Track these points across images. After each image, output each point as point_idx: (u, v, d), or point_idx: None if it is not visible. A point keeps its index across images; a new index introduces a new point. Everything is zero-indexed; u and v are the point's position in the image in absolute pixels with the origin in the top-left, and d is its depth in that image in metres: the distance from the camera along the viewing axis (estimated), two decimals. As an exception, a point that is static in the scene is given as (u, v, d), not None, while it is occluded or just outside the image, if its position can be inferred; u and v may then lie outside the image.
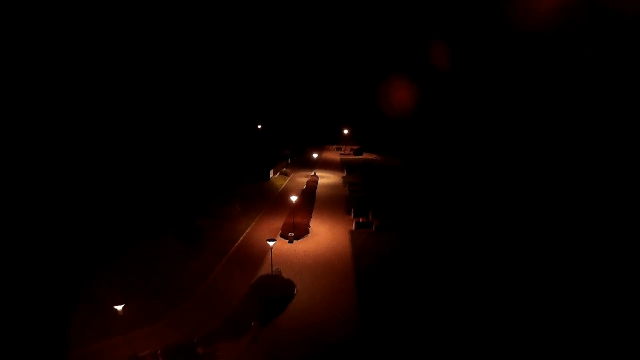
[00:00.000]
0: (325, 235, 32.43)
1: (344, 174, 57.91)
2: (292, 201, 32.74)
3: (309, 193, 44.19)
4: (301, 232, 32.20)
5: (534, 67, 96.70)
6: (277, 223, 34.89)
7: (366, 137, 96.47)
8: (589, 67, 74.52)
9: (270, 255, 24.83)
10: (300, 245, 30.17)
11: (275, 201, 42.37)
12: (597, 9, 73.67)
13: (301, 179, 54.00)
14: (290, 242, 30.76)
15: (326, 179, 54.67)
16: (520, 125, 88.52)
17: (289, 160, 63.93)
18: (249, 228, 33.89)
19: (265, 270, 25.31)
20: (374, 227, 33.75)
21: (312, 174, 55.70)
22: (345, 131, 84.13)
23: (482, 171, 64.10)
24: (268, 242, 22.66)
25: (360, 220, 34.30)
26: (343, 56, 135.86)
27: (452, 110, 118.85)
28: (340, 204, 41.74)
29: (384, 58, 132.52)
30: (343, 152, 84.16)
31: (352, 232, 33.06)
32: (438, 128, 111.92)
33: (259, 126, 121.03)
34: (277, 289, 23.04)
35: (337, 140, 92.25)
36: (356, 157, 74.96)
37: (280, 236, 31.65)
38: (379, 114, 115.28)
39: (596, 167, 56.53)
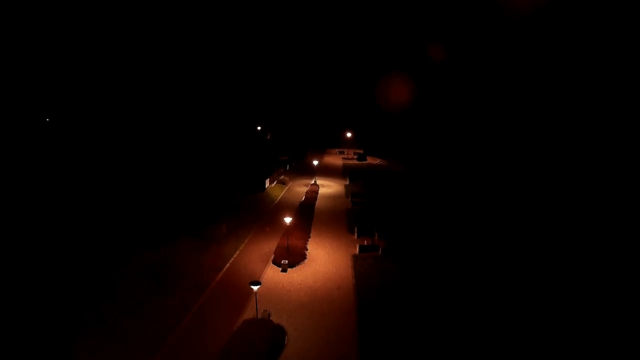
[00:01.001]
0: (324, 261, 28.14)
1: (347, 182, 53.57)
2: (286, 223, 28.44)
3: (308, 207, 39.88)
4: (297, 257, 27.94)
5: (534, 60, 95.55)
6: (271, 245, 30.68)
7: (369, 140, 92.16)
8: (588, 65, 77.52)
9: (255, 298, 20.63)
10: (296, 275, 25.89)
11: (270, 217, 38.11)
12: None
13: (300, 188, 49.72)
14: (284, 270, 26.53)
15: (327, 188, 50.36)
16: (521, 122, 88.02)
17: (288, 166, 59.63)
18: (238, 252, 29.67)
19: (251, 310, 21.11)
20: (380, 250, 29.43)
21: (312, 182, 51.42)
22: (348, 134, 79.67)
23: (487, 174, 62.10)
24: (252, 287, 18.37)
25: (365, 243, 29.96)
26: (343, 56, 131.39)
27: (456, 109, 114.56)
28: (342, 220, 37.41)
29: (385, 57, 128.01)
30: (346, 156, 79.79)
31: (355, 258, 28.73)
32: (442, 128, 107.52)
33: (259, 127, 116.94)
34: (264, 338, 18.80)
35: (339, 143, 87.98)
36: (360, 162, 70.34)
37: (273, 263, 27.45)
38: (382, 115, 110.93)
39: (595, 164, 58.31)
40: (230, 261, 28.08)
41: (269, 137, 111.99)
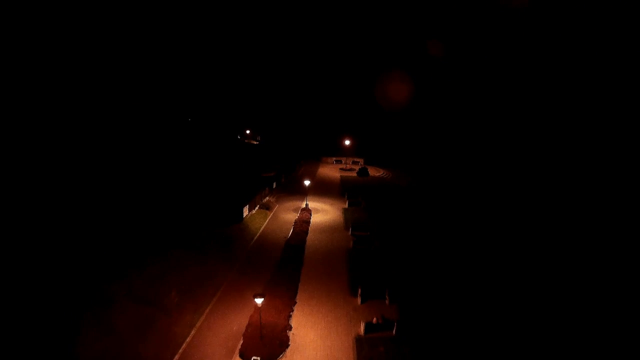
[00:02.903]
0: (314, 352, 19.39)
1: (346, 205, 44.76)
2: (257, 304, 19.37)
3: (295, 249, 30.94)
4: (274, 347, 19.18)
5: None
6: (241, 318, 21.88)
7: (369, 147, 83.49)
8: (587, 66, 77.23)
9: None
10: (271, 385, 17.17)
11: (245, 263, 29.25)
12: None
13: (288, 214, 40.81)
14: (255, 373, 17.84)
15: (322, 214, 41.52)
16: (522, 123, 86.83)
17: (275, 183, 50.55)
18: (193, 331, 20.86)
19: None
20: (394, 329, 20.74)
21: (304, 206, 42.56)
22: (347, 142, 70.81)
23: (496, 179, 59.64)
24: None
25: (374, 320, 21.18)
26: (339, 54, 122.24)
27: (460, 109, 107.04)
28: (340, 269, 28.56)
29: (384, 55, 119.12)
30: (344, 167, 70.78)
31: (359, 344, 20.01)
32: (447, 131, 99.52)
33: (247, 131, 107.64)
34: None
35: (336, 151, 79.07)
36: (360, 177, 61.18)
37: (240, 357, 18.70)
38: (383, 119, 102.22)
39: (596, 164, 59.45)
40: (180, 352, 19.27)
41: (258, 140, 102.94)
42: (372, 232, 35.51)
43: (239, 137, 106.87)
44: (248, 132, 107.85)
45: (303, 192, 46.76)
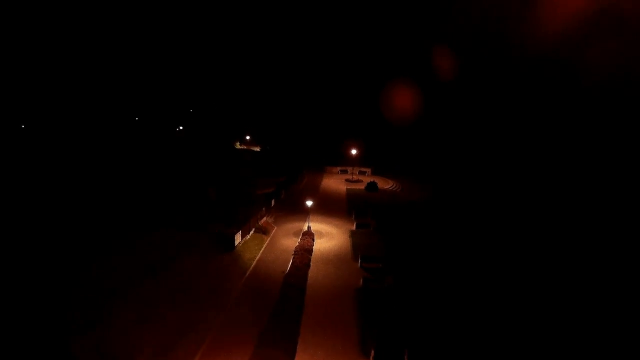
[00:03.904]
0: None
1: (353, 226, 39.87)
2: None
3: (294, 290, 25.97)
4: None
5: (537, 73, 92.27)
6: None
7: (377, 155, 78.62)
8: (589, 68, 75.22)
9: None
10: None
11: (235, 308, 24.45)
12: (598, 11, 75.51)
13: (288, 239, 35.95)
14: None
15: (326, 239, 36.63)
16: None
17: (274, 200, 45.79)
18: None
19: None
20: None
21: (305, 228, 37.72)
22: (354, 151, 65.95)
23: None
24: None
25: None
26: (345, 59, 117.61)
27: (473, 111, 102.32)
28: (348, 315, 23.57)
29: (392, 60, 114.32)
30: (350, 178, 65.73)
31: None
32: (457, 138, 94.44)
33: (248, 137, 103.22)
34: None
35: (341, 160, 74.21)
36: (369, 193, 55.78)
37: None
38: (390, 126, 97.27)
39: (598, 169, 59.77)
40: None
41: (261, 147, 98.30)
42: (385, 263, 30.59)
43: (239, 143, 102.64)
44: (248, 137, 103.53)
45: (305, 209, 41.93)
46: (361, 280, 27.69)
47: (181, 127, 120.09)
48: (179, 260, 28.48)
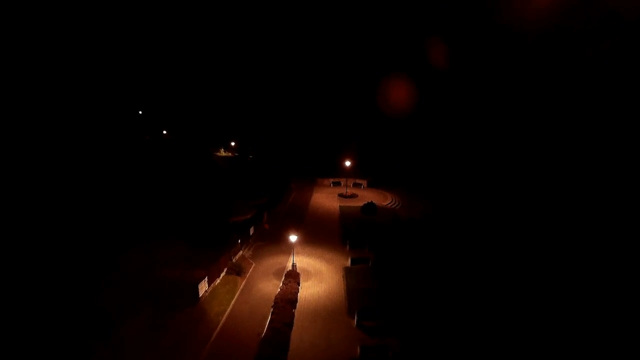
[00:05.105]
0: None
1: (348, 262, 33.29)
2: None
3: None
4: None
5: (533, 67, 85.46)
6: None
7: (373, 165, 72.48)
8: (587, 66, 72.62)
9: None
10: None
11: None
12: (595, 9, 71.62)
13: (267, 283, 29.19)
14: None
15: (315, 280, 30.00)
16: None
17: (253, 228, 38.82)
18: None
19: None
20: None
21: (290, 266, 31.06)
22: (347, 163, 59.46)
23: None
24: None
25: None
26: (338, 59, 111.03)
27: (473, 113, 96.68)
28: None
29: (387, 61, 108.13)
30: (344, 193, 58.87)
31: None
32: (455, 142, 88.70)
33: (232, 143, 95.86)
34: None
35: (334, 171, 67.70)
36: (366, 216, 48.43)
37: None
38: (386, 132, 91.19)
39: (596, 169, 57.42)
40: None
41: (250, 156, 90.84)
42: (388, 318, 24.16)
43: (223, 150, 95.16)
44: (233, 144, 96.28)
45: (295, 224, 35.48)
46: (358, 350, 21.17)
47: (165, 132, 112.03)
48: (120, 326, 21.59)
